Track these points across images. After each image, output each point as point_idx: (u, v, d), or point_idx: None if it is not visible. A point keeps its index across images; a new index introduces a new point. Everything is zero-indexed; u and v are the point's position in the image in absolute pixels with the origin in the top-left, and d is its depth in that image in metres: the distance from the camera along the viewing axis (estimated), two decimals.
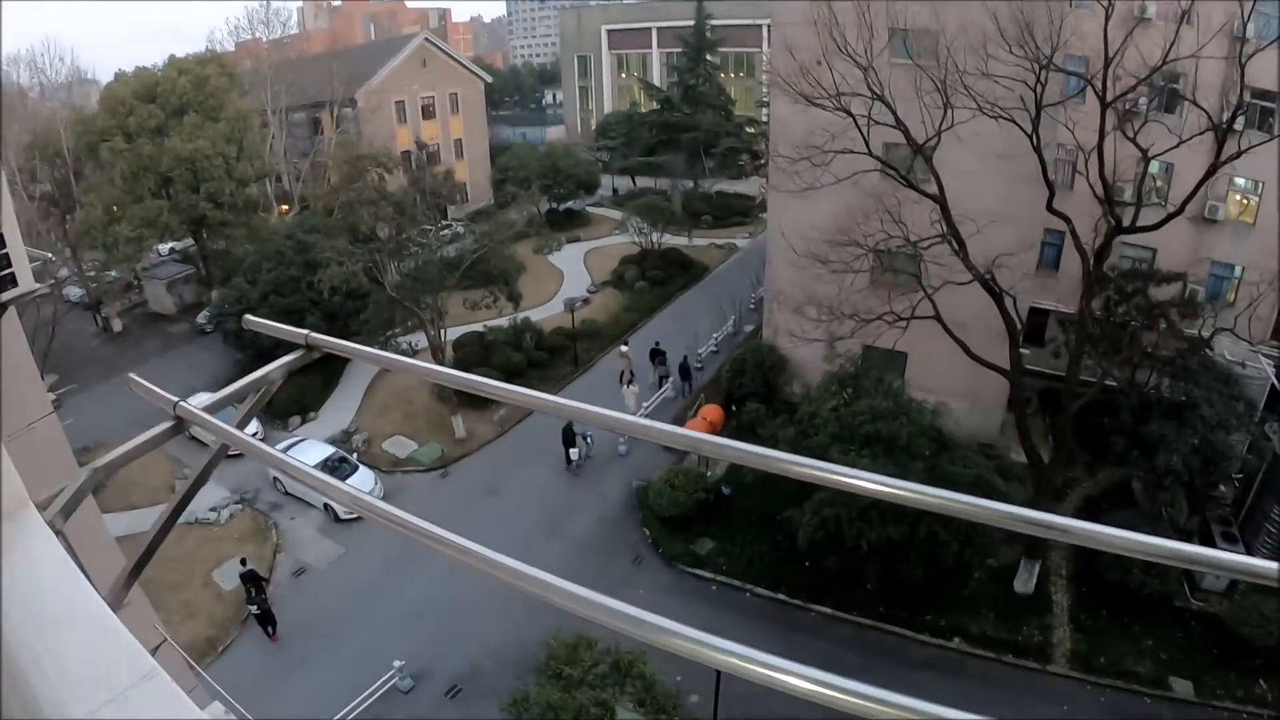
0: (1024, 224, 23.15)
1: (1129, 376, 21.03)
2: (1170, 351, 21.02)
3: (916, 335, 21.68)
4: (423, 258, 30.00)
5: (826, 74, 20.40)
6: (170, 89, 39.90)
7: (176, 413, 2.29)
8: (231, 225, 40.55)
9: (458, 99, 59.22)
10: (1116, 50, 17.88)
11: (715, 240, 50.22)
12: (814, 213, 24.21)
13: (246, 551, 22.87)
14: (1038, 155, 19.30)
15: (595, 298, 41.26)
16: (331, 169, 42.14)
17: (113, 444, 9.04)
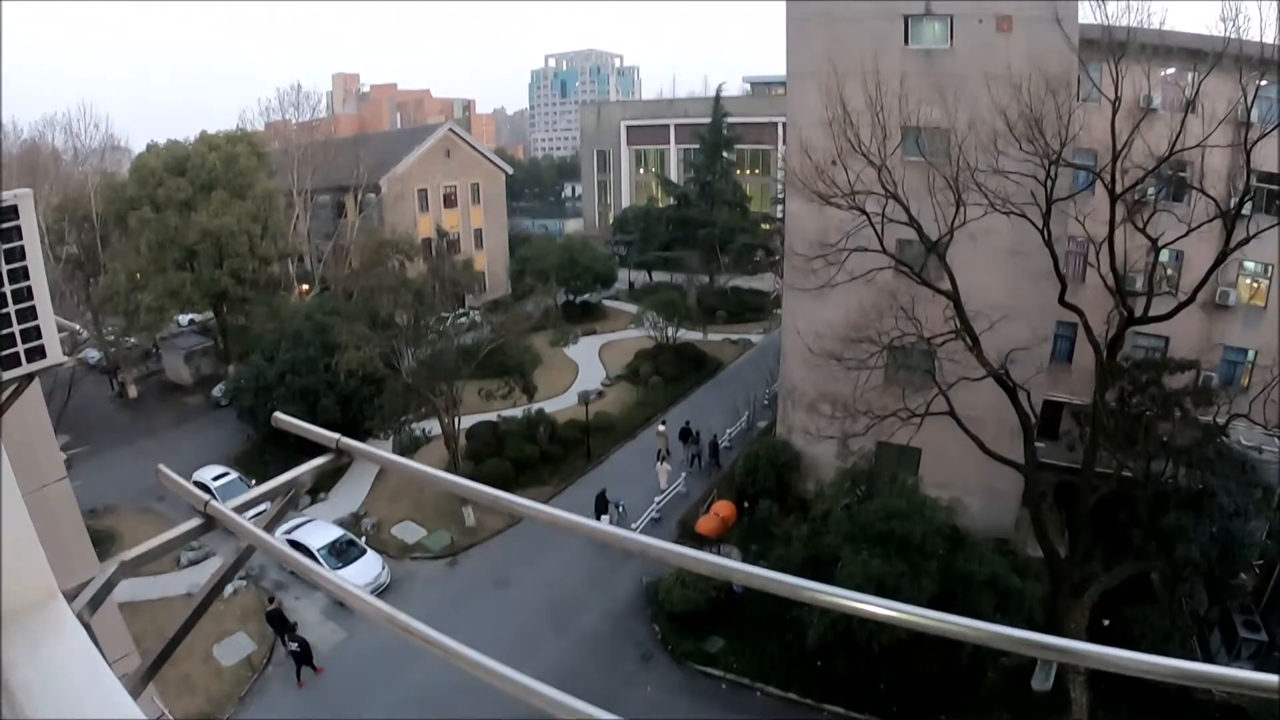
0: (1036, 318, 23.85)
1: (1145, 467, 21.35)
2: (1186, 440, 21.38)
3: (930, 431, 22.17)
4: (439, 346, 30.90)
5: (841, 173, 21.49)
6: (200, 164, 41.72)
7: (207, 511, 2.35)
8: (252, 302, 41.88)
9: (479, 189, 61.33)
10: (1125, 143, 18.90)
11: (730, 335, 51.19)
12: (828, 310, 25.01)
13: (249, 629, 23.09)
14: (1049, 250, 20.15)
15: (610, 391, 41.87)
16: (353, 253, 43.60)
17: (119, 509, 10.09)
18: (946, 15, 24.69)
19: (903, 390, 22.83)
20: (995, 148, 19.84)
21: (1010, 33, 23.49)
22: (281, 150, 50.64)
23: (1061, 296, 21.02)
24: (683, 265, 56.64)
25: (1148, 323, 20.51)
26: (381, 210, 51.64)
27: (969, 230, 20.55)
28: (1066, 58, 21.94)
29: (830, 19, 25.78)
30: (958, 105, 21.99)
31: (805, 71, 26.23)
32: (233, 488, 29.47)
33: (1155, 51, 21.04)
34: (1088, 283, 22.99)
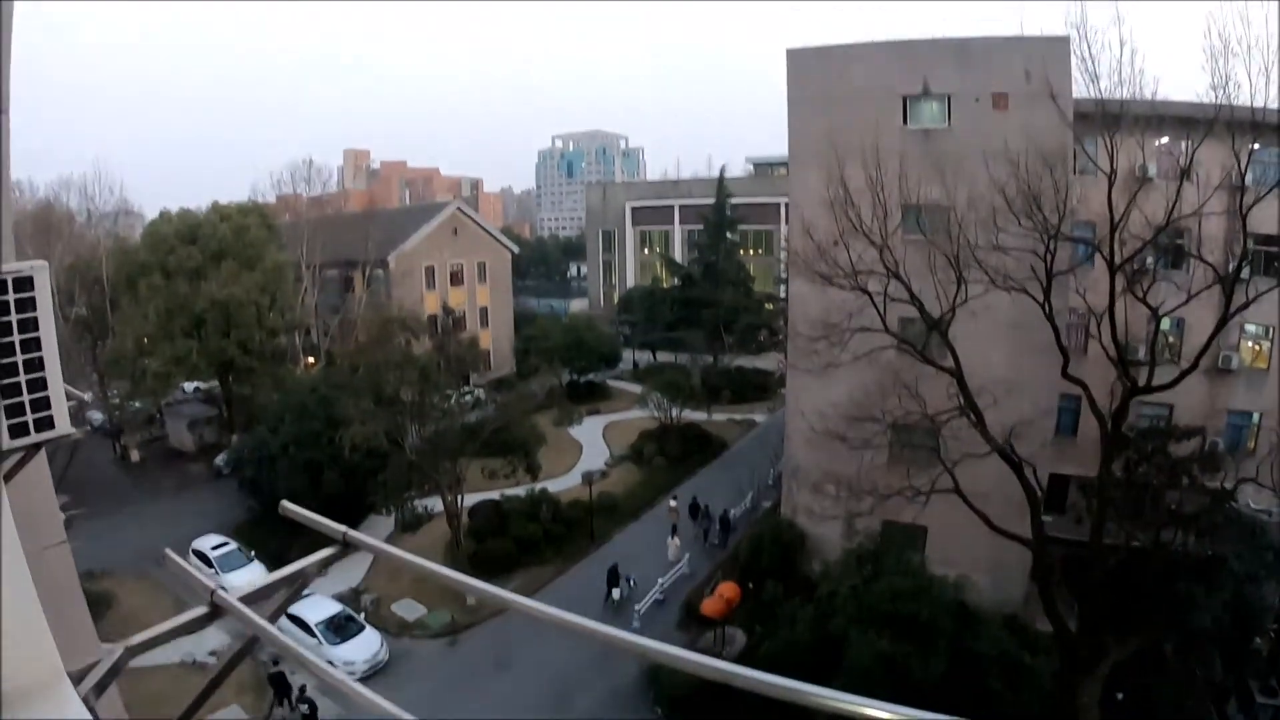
0: (1040, 392, 24.23)
1: (1153, 537, 21.32)
2: (1194, 508, 21.38)
3: (936, 508, 22.23)
4: (444, 423, 31.18)
5: (843, 253, 22.10)
6: (211, 233, 42.76)
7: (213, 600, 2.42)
8: (258, 372, 42.34)
9: (485, 268, 62.48)
10: (1122, 214, 19.47)
11: (734, 415, 51.42)
12: (832, 389, 25.34)
13: (243, 701, 22.84)
14: (1051, 323, 20.59)
15: (613, 472, 41.71)
16: (360, 328, 44.10)
17: (117, 573, 10.44)
18: (944, 95, 25.71)
19: (907, 468, 22.96)
20: (995, 224, 20.44)
21: (1007, 110, 24.41)
22: (292, 223, 51.86)
23: (1064, 369, 21.36)
24: (687, 345, 57.18)
25: (1151, 392, 20.76)
26: (389, 286, 52.52)
27: (970, 307, 21.03)
28: (1062, 133, 22.74)
29: (830, 101, 26.79)
30: (957, 183, 22.64)
31: (807, 152, 27.16)
32: (232, 558, 29.45)
33: (1149, 122, 21.75)
34: (1090, 354, 23.28)
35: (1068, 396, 25.46)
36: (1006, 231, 20.37)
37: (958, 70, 25.52)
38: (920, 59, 25.96)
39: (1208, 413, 25.53)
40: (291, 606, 16.39)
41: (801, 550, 29.55)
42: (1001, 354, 24.16)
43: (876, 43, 26.71)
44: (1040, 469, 22.35)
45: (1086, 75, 20.32)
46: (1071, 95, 23.15)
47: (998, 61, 25.02)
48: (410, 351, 34.22)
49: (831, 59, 27.37)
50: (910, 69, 26.08)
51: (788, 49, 28.21)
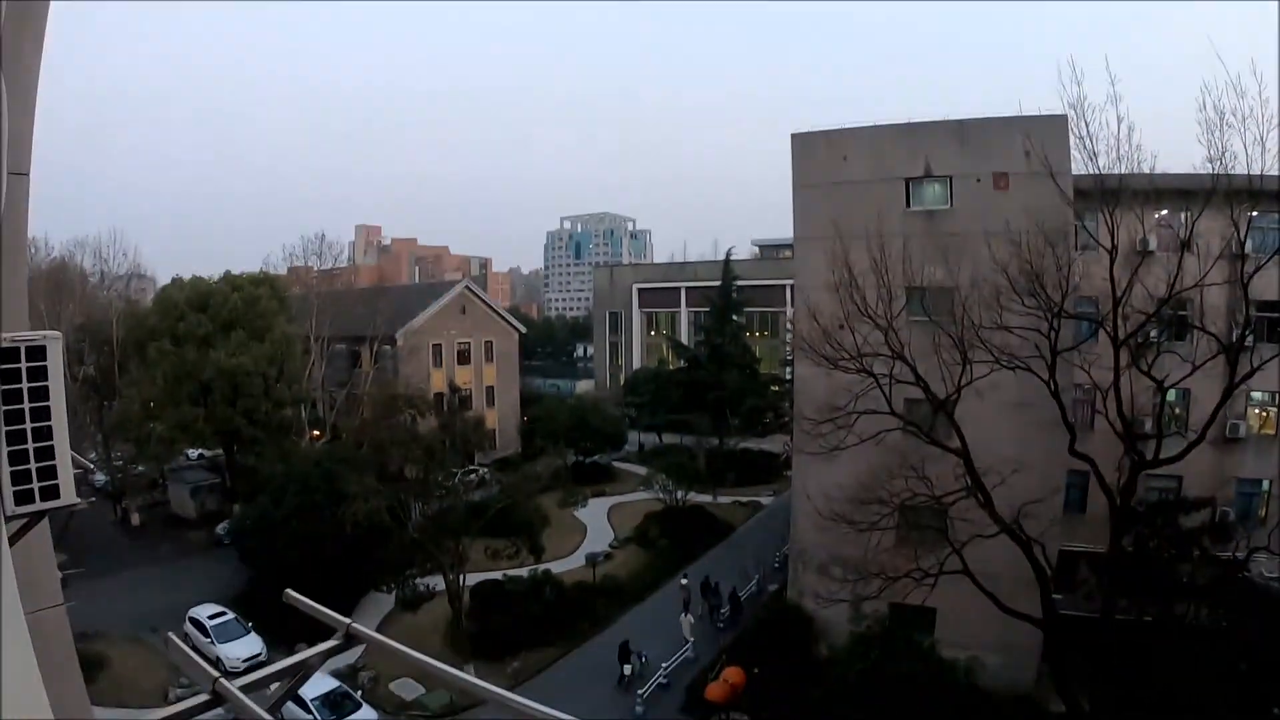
0: (1047, 469, 24.27)
1: (1166, 612, 21.18)
2: (1206, 579, 21.31)
3: (945, 589, 22.17)
4: (448, 502, 31.26)
5: (848, 336, 22.53)
6: (222, 302, 43.47)
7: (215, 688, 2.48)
8: (263, 443, 42.51)
9: (493, 347, 63.19)
10: (1124, 289, 19.87)
11: (739, 498, 51.21)
12: (838, 472, 25.42)
13: None
14: (1056, 400, 20.85)
15: (618, 554, 41.48)
16: (366, 403, 44.44)
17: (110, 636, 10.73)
18: (946, 176, 26.50)
19: (915, 549, 22.96)
20: (998, 303, 20.89)
21: (1007, 189, 25.11)
22: (302, 295, 52.59)
23: (1071, 446, 21.55)
24: (693, 427, 57.28)
25: (1159, 466, 20.89)
26: (396, 362, 53.07)
27: (976, 386, 21.36)
28: (1062, 210, 23.29)
29: (834, 183, 27.63)
30: (960, 263, 23.22)
31: (812, 235, 27.85)
32: (230, 629, 29.20)
33: (1148, 195, 22.32)
34: (1096, 429, 23.48)
35: (1075, 472, 25.45)
36: (1010, 310, 20.80)
37: (959, 151, 26.35)
38: (922, 141, 26.84)
39: (1217, 482, 25.46)
40: None
41: (808, 633, 29.22)
42: (1008, 432, 24.33)
43: (879, 126, 27.66)
44: (1050, 546, 22.32)
45: (1085, 153, 21.01)
46: (1070, 173, 23.78)
47: (997, 141, 25.84)
48: (415, 429, 34.48)
49: (835, 142, 28.31)
50: (912, 151, 26.95)
51: (792, 133, 29.20)
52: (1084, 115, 20.76)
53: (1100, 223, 21.25)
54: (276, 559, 30.53)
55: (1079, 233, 24.37)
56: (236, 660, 28.34)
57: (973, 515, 21.66)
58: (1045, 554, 21.50)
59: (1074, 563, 27.24)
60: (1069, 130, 22.19)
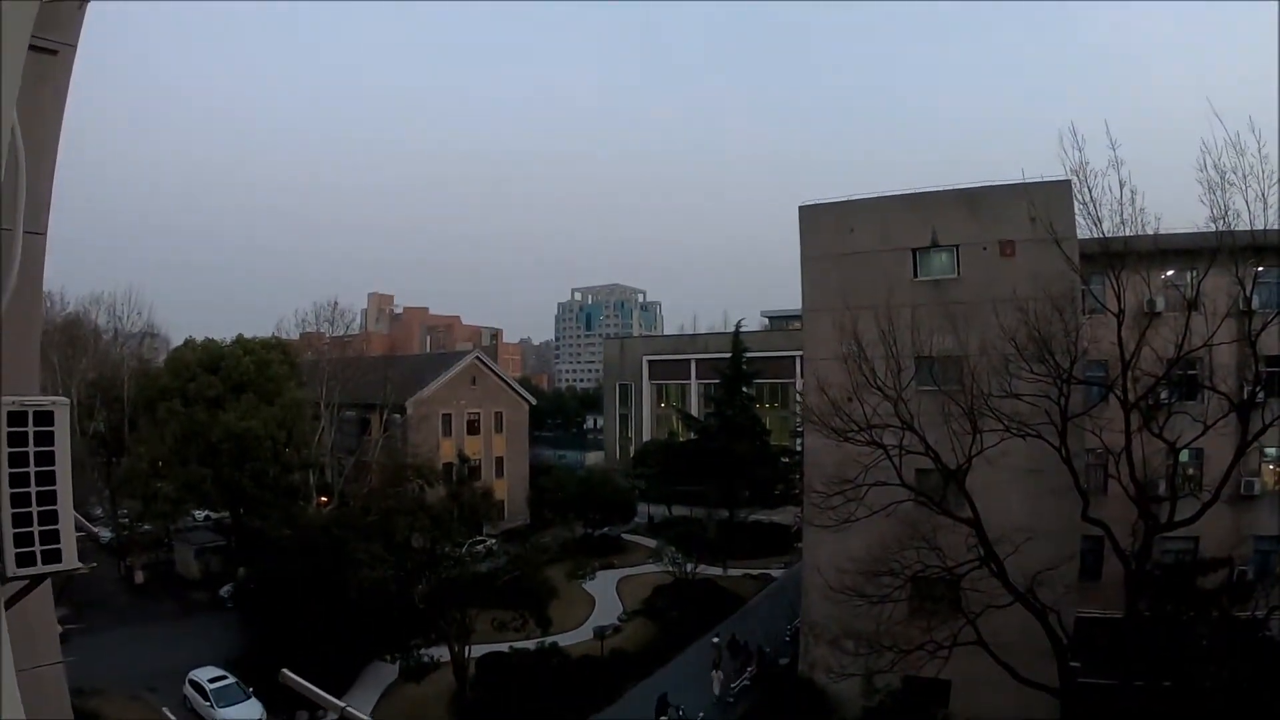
0: (1061, 536, 24.08)
1: (1186, 676, 20.76)
2: (1225, 641, 20.98)
3: (960, 661, 21.90)
4: (454, 572, 31.14)
5: (857, 407, 22.67)
6: (234, 365, 44.08)
7: None
8: (270, 506, 42.33)
9: (502, 418, 63.41)
10: (1133, 352, 19.97)
11: (750, 570, 50.68)
12: (849, 544, 25.26)
13: None
14: (1068, 466, 20.80)
15: (626, 626, 41.12)
16: (375, 471, 44.51)
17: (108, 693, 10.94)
18: (952, 246, 26.90)
19: (928, 621, 22.74)
20: (1007, 370, 21.09)
21: (1014, 256, 25.46)
22: (313, 361, 52.98)
23: (1084, 512, 21.46)
24: (703, 499, 57.10)
25: (1174, 528, 20.75)
26: (405, 430, 53.13)
27: (986, 454, 21.40)
28: (1068, 275, 23.63)
29: (842, 254, 28.08)
30: (968, 332, 23.51)
31: (820, 306, 28.21)
32: (229, 693, 28.90)
33: (1153, 257, 22.59)
34: (1110, 493, 23.40)
35: (1090, 538, 25.32)
36: (1019, 377, 20.96)
37: (964, 220, 26.82)
38: (928, 210, 27.37)
39: (1234, 540, 25.21)
40: None
41: (820, 708, 28.70)
42: (1020, 500, 24.25)
43: (885, 196, 28.22)
44: (1065, 614, 22.10)
45: (1089, 218, 21.39)
46: (1076, 238, 24.11)
47: (1002, 208, 26.31)
48: (424, 498, 34.50)
49: (842, 214, 28.87)
50: (918, 221, 27.44)
51: (800, 205, 29.83)
52: (1086, 180, 21.24)
53: (1107, 286, 21.52)
54: (280, 623, 30.38)
55: (1086, 297, 24.66)
56: None
57: (986, 585, 21.51)
58: (1061, 622, 21.27)
59: (1091, 629, 26.77)
60: (1073, 196, 22.63)
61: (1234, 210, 19.91)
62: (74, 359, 46.43)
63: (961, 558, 21.85)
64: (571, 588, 42.95)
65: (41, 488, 3.46)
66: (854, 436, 23.02)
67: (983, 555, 21.42)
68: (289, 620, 29.99)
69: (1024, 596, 20.73)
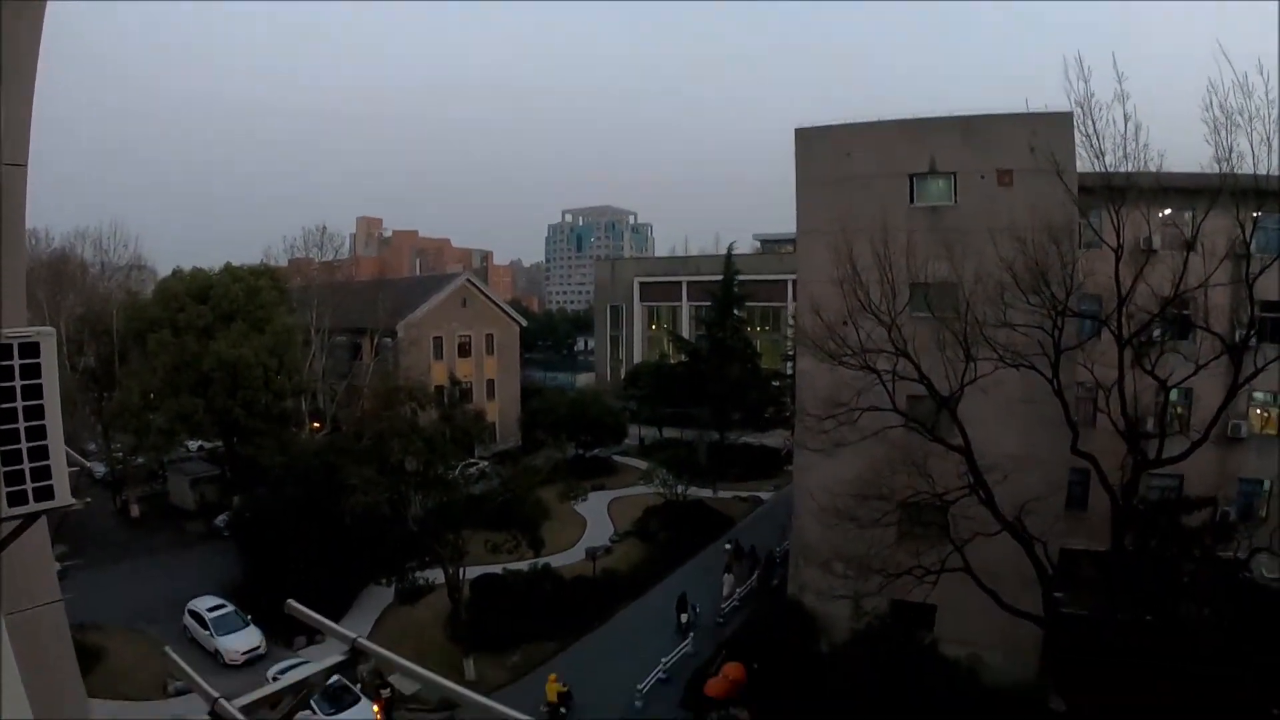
0: (1050, 467, 24.14)
1: (1168, 612, 21.14)
2: (1207, 580, 21.27)
3: (946, 587, 22.15)
4: (447, 495, 31.17)
5: (851, 331, 22.39)
6: (223, 293, 43.46)
7: (214, 709, 2.40)
8: (263, 434, 42.13)
9: (493, 340, 63.05)
10: (1129, 288, 19.71)
11: (740, 492, 51.16)
12: (840, 467, 25.35)
13: None
14: (1059, 399, 20.74)
15: (618, 547, 41.46)
16: (367, 395, 44.19)
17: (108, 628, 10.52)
18: (950, 172, 26.30)
19: (917, 547, 22.86)
20: (1002, 300, 20.81)
21: (1012, 186, 24.92)
22: (303, 287, 52.34)
23: (1074, 444, 21.45)
24: (693, 421, 57.30)
25: (1161, 465, 20.83)
26: (397, 354, 52.84)
27: (979, 383, 21.31)
28: (1067, 208, 23.20)
29: (838, 179, 27.44)
30: (964, 260, 23.11)
31: (815, 230, 27.67)
32: (228, 621, 29.13)
33: (1153, 195, 22.15)
34: (1099, 427, 23.36)
35: (1078, 471, 25.38)
36: (1014, 307, 20.68)
37: (963, 147, 26.16)
38: (926, 137, 26.67)
39: (1218, 481, 25.39)
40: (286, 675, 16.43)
41: (809, 629, 29.11)
42: (1011, 430, 24.21)
43: (883, 121, 27.47)
44: (1051, 545, 22.27)
45: (1091, 151, 20.85)
46: (1076, 170, 23.61)
47: (1002, 138, 25.67)
48: (416, 421, 34.32)
49: (838, 137, 28.13)
50: (917, 147, 26.77)
51: (796, 128, 28.99)
52: (1090, 112, 20.63)
53: (1105, 220, 21.10)
54: (276, 551, 30.48)
55: (1083, 230, 24.22)
56: (236, 653, 28.32)
57: (974, 513, 21.59)
58: (1047, 552, 21.44)
59: (1075, 561, 27.12)
60: (1074, 127, 21.99)
61: (1238, 152, 19.48)
62: (61, 295, 45.61)
63: (951, 485, 21.88)
64: (563, 509, 43.30)
65: (30, 423, 3.31)
66: (847, 360, 22.80)
67: (972, 483, 21.46)
68: (285, 547, 30.09)
69: (1011, 525, 20.82)
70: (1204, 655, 20.36)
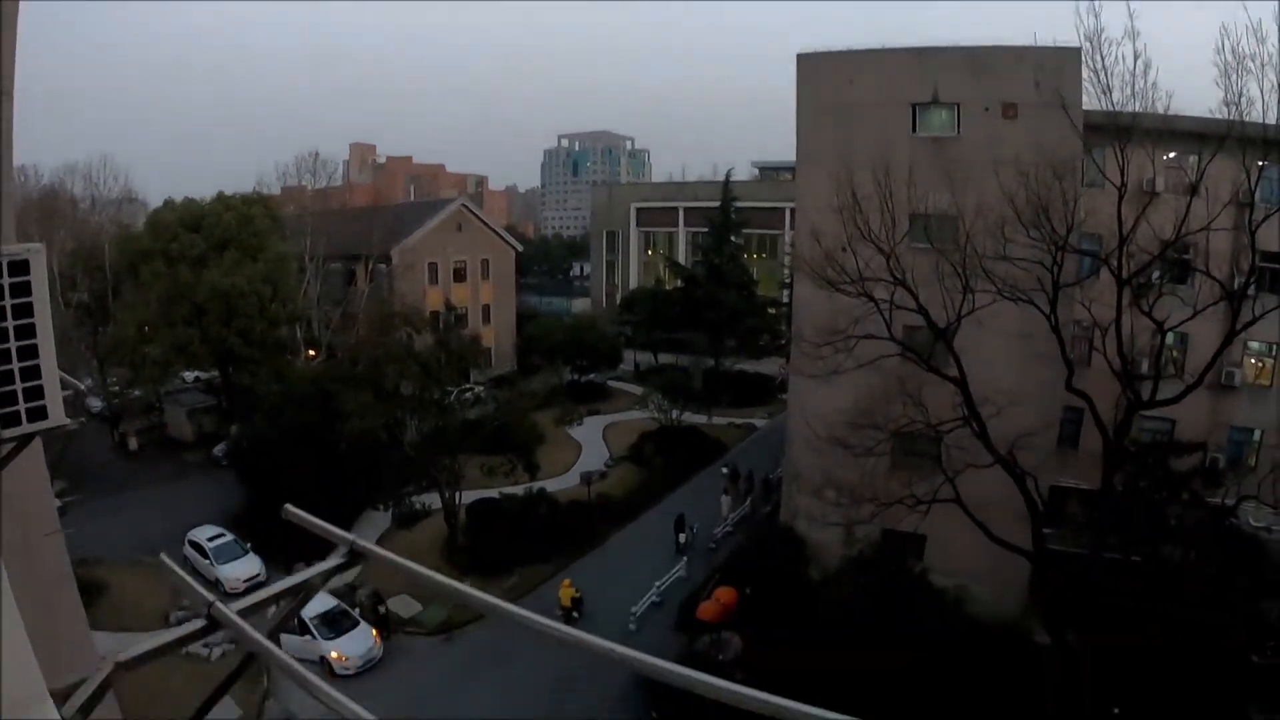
0: (1043, 403, 24.14)
1: (1154, 552, 21.34)
2: (1194, 524, 21.44)
3: (937, 517, 22.21)
4: (443, 420, 31.10)
5: (849, 259, 22.02)
6: (216, 222, 42.85)
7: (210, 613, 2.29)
8: (258, 363, 42.06)
9: (489, 265, 62.50)
10: (1130, 228, 19.38)
11: (734, 419, 51.32)
12: (835, 395, 25.20)
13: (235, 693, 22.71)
14: (1056, 335, 20.56)
15: (613, 472, 41.79)
16: (362, 321, 43.95)
17: (110, 561, 10.19)
18: (953, 103, 25.59)
19: (909, 476, 22.88)
20: (1002, 234, 20.42)
21: (1016, 119, 24.30)
22: (296, 215, 51.55)
23: (1069, 382, 21.33)
24: (689, 347, 57.20)
25: (1155, 407, 20.77)
26: (391, 280, 52.30)
27: (976, 316, 21.04)
28: (1072, 144, 22.65)
29: (839, 106, 26.71)
30: (965, 192, 22.64)
31: (815, 158, 27.07)
32: (229, 549, 29.30)
33: (1159, 136, 21.66)
34: (1094, 366, 23.27)
35: (1071, 408, 25.29)
36: (1014, 242, 20.32)
37: (968, 79, 25.42)
38: (930, 66, 25.89)
39: (1209, 428, 25.43)
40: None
41: (800, 556, 29.38)
42: (1006, 364, 24.02)
43: (887, 49, 26.64)
44: (1042, 480, 22.33)
45: (1098, 87, 20.27)
46: (1082, 106, 22.99)
47: (1008, 71, 24.94)
48: (411, 346, 34.12)
49: (841, 64, 27.26)
50: (920, 76, 26.00)
51: (797, 53, 28.12)
52: (1099, 48, 19.99)
53: (1109, 158, 20.60)
54: (273, 479, 30.51)
55: (1086, 168, 23.73)
56: (236, 581, 28.52)
57: (967, 445, 21.54)
58: (1037, 487, 21.49)
59: (1065, 498, 27.23)
60: (1083, 63, 21.30)
61: (1247, 97, 18.92)
62: (52, 231, 44.82)
63: (945, 416, 21.79)
64: (558, 434, 43.47)
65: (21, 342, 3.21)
66: (845, 288, 22.49)
67: (966, 415, 21.34)
68: (282, 475, 30.06)
69: (1004, 459, 20.79)
70: (1189, 599, 20.61)
